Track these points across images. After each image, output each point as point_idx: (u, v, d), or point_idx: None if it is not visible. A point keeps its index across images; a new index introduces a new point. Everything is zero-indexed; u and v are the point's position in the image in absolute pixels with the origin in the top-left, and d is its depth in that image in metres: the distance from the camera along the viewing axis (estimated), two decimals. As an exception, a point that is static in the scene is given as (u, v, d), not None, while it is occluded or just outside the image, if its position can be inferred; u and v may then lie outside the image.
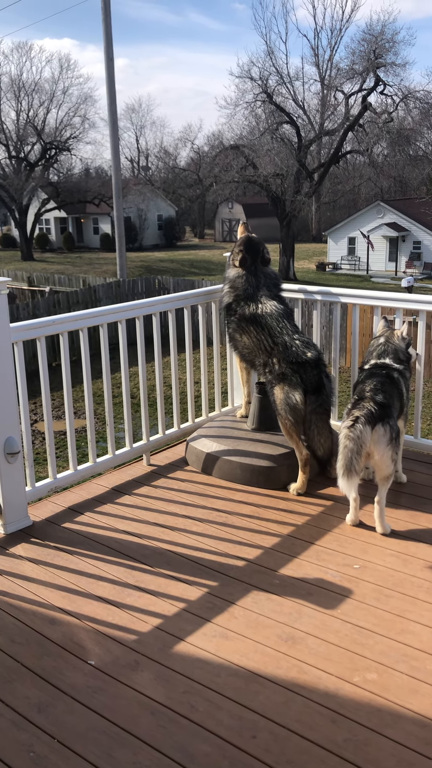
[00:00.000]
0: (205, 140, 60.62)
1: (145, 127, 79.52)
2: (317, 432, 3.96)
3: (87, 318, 3.91)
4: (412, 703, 2.39)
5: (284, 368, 3.91)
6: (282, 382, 3.92)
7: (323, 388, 3.94)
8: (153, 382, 12.77)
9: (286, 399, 3.89)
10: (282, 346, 3.93)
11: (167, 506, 3.84)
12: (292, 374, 3.89)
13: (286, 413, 3.89)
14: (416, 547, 3.37)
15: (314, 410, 3.92)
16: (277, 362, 3.95)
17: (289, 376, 3.90)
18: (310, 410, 3.91)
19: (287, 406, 3.89)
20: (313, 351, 3.93)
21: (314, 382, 3.91)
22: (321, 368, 3.94)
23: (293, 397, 3.88)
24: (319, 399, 3.93)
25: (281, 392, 3.91)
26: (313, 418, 3.93)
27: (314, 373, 3.90)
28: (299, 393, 3.88)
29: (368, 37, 35.71)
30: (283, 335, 3.95)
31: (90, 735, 2.28)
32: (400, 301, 4.29)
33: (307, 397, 3.89)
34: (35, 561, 3.31)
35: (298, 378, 3.89)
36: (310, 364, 3.89)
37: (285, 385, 3.90)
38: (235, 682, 2.50)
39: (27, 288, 25.19)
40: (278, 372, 3.93)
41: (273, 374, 3.96)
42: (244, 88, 36.82)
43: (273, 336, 3.96)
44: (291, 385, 3.89)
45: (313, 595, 3.00)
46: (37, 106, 45.96)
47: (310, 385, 3.90)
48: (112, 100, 22.45)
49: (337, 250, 44.03)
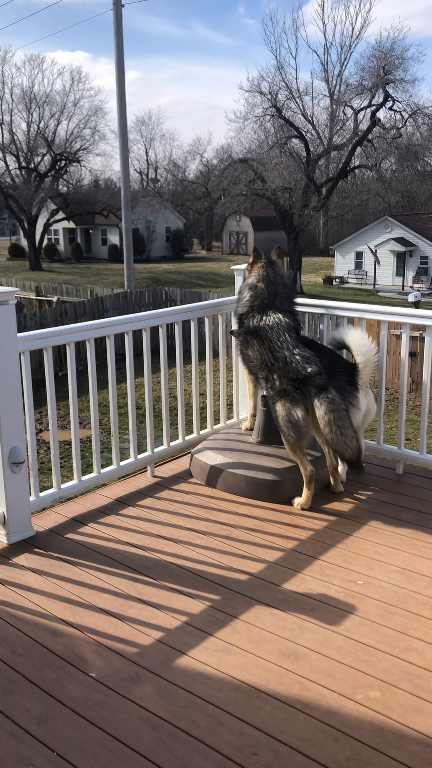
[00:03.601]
0: (214, 153, 61.12)
1: (154, 140, 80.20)
2: (340, 433, 3.79)
3: (94, 329, 3.92)
4: (415, 722, 2.36)
5: (285, 384, 3.87)
6: (283, 398, 3.87)
7: (329, 387, 3.80)
8: (158, 393, 12.79)
9: (287, 416, 3.86)
10: (282, 361, 3.88)
11: (171, 518, 3.83)
12: (294, 390, 3.84)
13: (289, 430, 3.87)
14: (421, 564, 3.35)
15: (329, 410, 3.76)
16: (277, 378, 3.90)
17: (290, 393, 3.85)
18: (323, 411, 3.76)
19: (289, 423, 3.86)
20: (314, 366, 3.82)
21: (319, 384, 3.80)
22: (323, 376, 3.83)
23: (295, 413, 3.84)
24: (329, 396, 3.78)
25: (283, 409, 3.88)
26: (332, 418, 3.76)
27: (316, 379, 3.80)
28: (301, 409, 3.84)
29: (378, 53, 36.00)
30: (283, 350, 3.88)
31: (90, 749, 2.26)
32: (407, 316, 4.29)
33: (317, 401, 3.78)
34: (38, 571, 3.30)
35: (299, 394, 3.84)
36: (310, 379, 3.81)
37: (286, 401, 3.86)
38: (236, 698, 2.48)
39: (35, 298, 25.31)
40: (279, 388, 3.89)
41: (274, 390, 3.93)
42: (253, 102, 37.13)
43: (273, 351, 3.91)
44: (292, 401, 3.85)
45: (316, 611, 2.98)
46: (48, 117, 46.41)
47: (315, 389, 3.79)
48: (122, 113, 22.62)
49: (345, 264, 44.12)
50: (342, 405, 3.81)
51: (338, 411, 3.78)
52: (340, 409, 3.79)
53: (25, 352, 3.56)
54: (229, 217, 56.03)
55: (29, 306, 24.01)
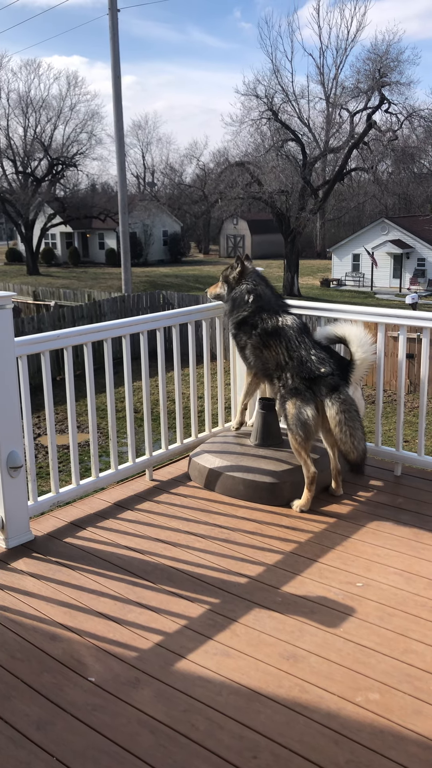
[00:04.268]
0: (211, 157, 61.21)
1: (151, 144, 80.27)
2: (350, 434, 3.78)
3: (91, 333, 3.92)
4: (415, 724, 2.36)
5: (297, 383, 3.89)
6: (294, 396, 3.89)
7: (341, 387, 3.83)
8: (156, 397, 12.78)
9: (297, 414, 3.86)
10: (297, 360, 3.92)
11: (169, 522, 3.83)
12: (305, 390, 3.87)
13: (297, 428, 3.87)
14: (420, 566, 3.34)
15: (341, 410, 3.77)
16: (290, 377, 3.93)
17: (302, 392, 3.87)
18: (335, 411, 3.78)
19: (298, 422, 3.86)
20: (327, 367, 3.87)
21: (330, 384, 3.82)
22: (335, 375, 3.87)
23: (305, 412, 3.85)
24: (341, 396, 3.80)
25: (293, 407, 3.88)
26: (343, 418, 3.77)
27: (328, 379, 3.83)
28: (311, 408, 3.85)
29: (373, 56, 36.05)
30: (300, 349, 3.93)
31: (89, 753, 2.25)
32: (404, 318, 4.29)
33: (329, 401, 3.80)
34: (37, 576, 3.29)
35: (311, 393, 3.86)
36: (322, 379, 3.84)
37: (297, 400, 3.88)
38: (236, 701, 2.47)
39: (32, 302, 25.29)
40: (291, 387, 3.91)
41: (286, 388, 3.94)
42: (249, 106, 37.15)
43: (290, 350, 3.94)
44: (303, 400, 3.86)
45: (315, 614, 2.98)
46: (45, 122, 46.48)
47: (327, 389, 3.82)
48: (118, 117, 22.66)
49: (342, 266, 44.17)
50: (354, 406, 3.85)
51: (350, 412, 3.81)
52: (352, 410, 3.82)
53: (23, 357, 3.56)
54: (226, 220, 56.09)
55: (27, 310, 23.99)
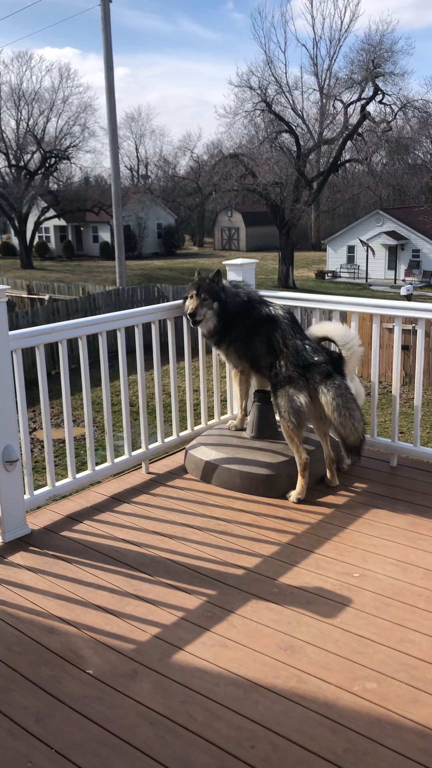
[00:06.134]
0: (205, 149, 60.84)
1: (144, 136, 79.65)
2: (348, 415, 3.79)
3: (86, 326, 3.91)
4: (412, 712, 2.38)
5: (291, 371, 3.91)
6: (288, 384, 3.91)
7: (335, 374, 3.85)
8: (152, 390, 12.78)
9: (290, 401, 3.88)
10: (293, 348, 3.94)
11: (166, 515, 3.83)
12: (299, 377, 3.89)
13: (290, 415, 3.88)
14: (416, 556, 3.36)
15: (337, 394, 3.78)
16: (284, 365, 3.94)
17: (295, 379, 3.89)
18: (331, 396, 3.79)
19: (291, 409, 3.87)
20: (321, 356, 3.92)
21: (324, 371, 3.84)
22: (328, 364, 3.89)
23: (298, 399, 3.87)
24: (335, 382, 3.81)
25: (286, 395, 3.90)
26: (340, 402, 3.78)
27: (321, 367, 3.85)
28: (304, 396, 3.86)
29: (367, 46, 35.97)
30: (295, 339, 3.97)
31: (88, 745, 2.26)
32: (400, 309, 4.29)
33: (323, 387, 3.81)
34: (33, 570, 3.29)
35: (304, 381, 3.88)
36: (316, 366, 3.87)
37: (291, 387, 3.89)
38: (233, 692, 2.49)
39: (26, 296, 25.21)
40: (285, 375, 3.93)
41: (279, 377, 3.95)
42: (243, 97, 37.01)
43: (285, 338, 3.97)
44: (296, 387, 3.88)
45: (312, 604, 2.99)
46: (37, 115, 46.14)
47: (320, 376, 3.83)
48: (111, 109, 22.55)
49: (337, 258, 44.10)
50: (348, 391, 3.87)
51: (345, 396, 3.82)
52: (347, 394, 3.84)
53: (17, 350, 3.55)
54: (221, 212, 55.91)
55: (21, 304, 23.92)
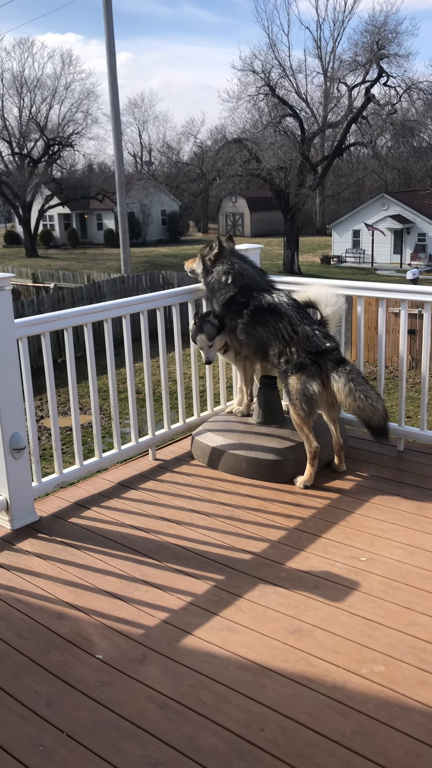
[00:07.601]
0: (208, 134, 60.36)
1: (147, 122, 79.22)
2: (364, 396, 3.75)
3: (91, 313, 3.91)
4: (420, 694, 2.39)
5: (303, 358, 3.87)
6: (300, 371, 3.87)
7: (346, 361, 3.86)
8: (158, 377, 12.76)
9: (303, 389, 3.84)
10: (303, 335, 3.90)
11: (173, 500, 3.84)
12: (311, 364, 3.85)
13: (301, 403, 3.85)
14: (423, 539, 3.36)
15: (349, 379, 3.76)
16: (295, 351, 3.90)
17: (308, 366, 3.85)
18: (344, 382, 3.77)
19: (303, 396, 3.84)
20: (332, 342, 3.91)
21: (336, 358, 3.84)
22: (339, 352, 3.90)
23: (311, 387, 3.83)
24: (347, 368, 3.80)
25: (298, 382, 3.87)
26: (353, 386, 3.76)
27: (334, 353, 3.85)
28: (317, 383, 3.83)
29: (371, 28, 35.57)
30: (303, 324, 3.93)
31: (98, 728, 2.28)
32: (405, 292, 4.27)
33: (335, 374, 3.79)
34: (42, 556, 3.31)
35: (317, 368, 3.85)
36: (328, 353, 3.85)
37: (302, 375, 3.86)
38: (242, 675, 2.50)
39: (31, 284, 25.21)
40: (297, 361, 3.89)
41: (290, 363, 3.92)
42: (246, 81, 36.75)
43: (293, 324, 3.93)
44: (309, 375, 3.85)
45: (320, 588, 3.00)
46: (40, 102, 45.99)
47: (333, 363, 3.83)
48: (114, 95, 22.41)
49: (342, 243, 43.89)
50: (361, 375, 3.86)
51: (357, 379, 3.81)
52: (359, 378, 3.82)
53: (23, 338, 3.55)
54: (225, 198, 55.66)
55: (26, 293, 23.92)
